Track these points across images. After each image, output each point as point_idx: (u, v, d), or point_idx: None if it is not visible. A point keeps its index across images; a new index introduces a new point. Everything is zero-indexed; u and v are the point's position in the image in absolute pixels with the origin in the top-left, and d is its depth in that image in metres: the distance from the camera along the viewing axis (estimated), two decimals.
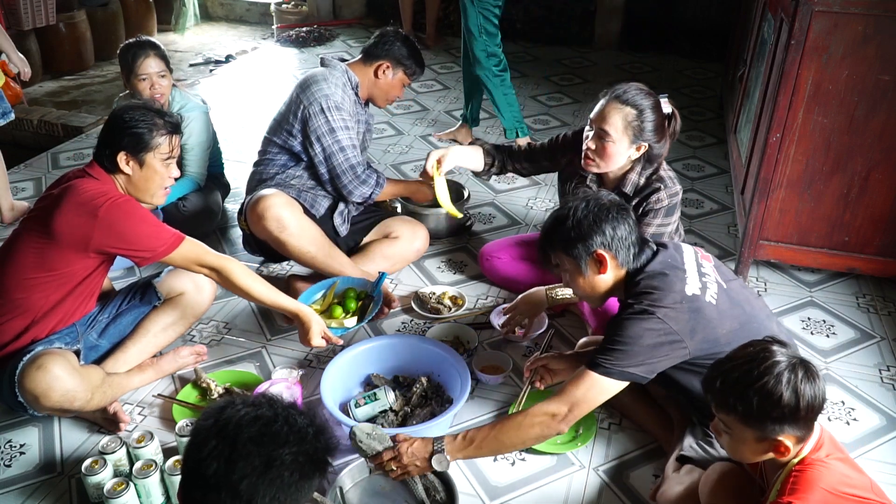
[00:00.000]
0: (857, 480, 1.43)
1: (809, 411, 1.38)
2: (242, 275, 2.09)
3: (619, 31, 5.80)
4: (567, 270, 1.84)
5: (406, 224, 2.86)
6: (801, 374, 1.38)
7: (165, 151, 2.05)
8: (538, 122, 4.41)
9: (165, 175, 2.08)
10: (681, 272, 1.77)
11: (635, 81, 2.28)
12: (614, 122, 2.18)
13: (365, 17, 6.60)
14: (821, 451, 1.43)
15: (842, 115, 2.50)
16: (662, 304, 1.70)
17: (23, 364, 1.95)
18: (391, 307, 2.64)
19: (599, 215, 1.76)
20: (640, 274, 1.78)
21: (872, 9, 2.34)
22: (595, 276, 1.80)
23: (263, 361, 2.41)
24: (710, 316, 1.73)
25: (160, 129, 2.03)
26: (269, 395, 1.22)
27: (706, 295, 1.75)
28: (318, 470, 1.18)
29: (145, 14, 5.98)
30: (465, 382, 2.10)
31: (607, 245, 1.76)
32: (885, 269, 2.72)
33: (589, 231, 1.76)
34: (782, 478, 1.44)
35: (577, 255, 1.78)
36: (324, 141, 2.57)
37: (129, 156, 2.01)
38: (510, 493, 1.93)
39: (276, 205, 2.51)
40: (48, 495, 1.93)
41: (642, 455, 2.05)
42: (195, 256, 2.06)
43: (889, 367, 2.41)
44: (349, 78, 2.67)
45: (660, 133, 2.22)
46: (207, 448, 1.12)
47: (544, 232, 1.86)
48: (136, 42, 2.91)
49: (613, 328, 1.74)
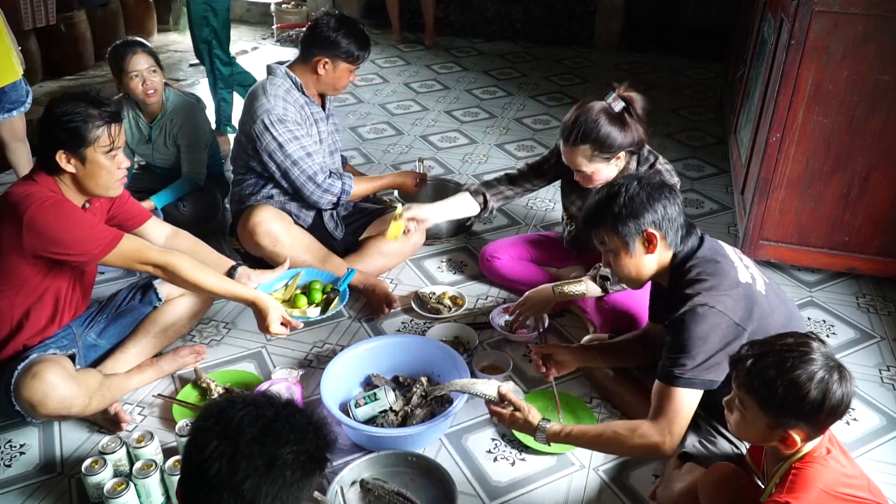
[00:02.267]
0: (854, 480, 1.43)
1: (831, 415, 1.37)
2: (190, 269, 2.00)
3: (619, 31, 5.80)
4: (612, 249, 1.78)
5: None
6: (835, 376, 1.36)
7: (106, 143, 1.90)
8: (538, 122, 4.41)
9: (112, 167, 1.94)
10: (729, 261, 1.76)
11: (634, 81, 2.29)
12: (581, 162, 2.24)
13: (365, 17, 6.60)
14: (821, 449, 1.43)
15: (842, 115, 2.50)
16: (719, 291, 1.67)
17: (17, 373, 1.94)
18: (391, 307, 2.63)
19: (652, 193, 1.73)
20: (691, 260, 1.75)
21: (872, 9, 2.34)
22: (642, 256, 1.76)
23: (263, 361, 2.41)
24: (763, 306, 1.72)
25: (96, 121, 1.88)
26: (268, 394, 1.22)
27: (756, 285, 1.74)
28: (318, 467, 1.18)
29: (145, 14, 5.98)
30: None
31: (658, 224, 1.73)
32: (885, 269, 2.72)
33: (641, 209, 1.71)
34: (781, 472, 1.44)
35: (626, 234, 1.73)
36: (276, 157, 2.49)
37: (67, 154, 1.88)
38: (510, 493, 1.93)
39: (266, 219, 2.50)
40: (48, 495, 1.93)
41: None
42: (136, 255, 1.96)
43: (889, 367, 2.41)
44: (292, 81, 2.57)
45: (624, 133, 2.22)
46: (209, 449, 1.12)
47: (592, 208, 1.79)
48: (124, 42, 2.94)
49: (677, 331, 1.69)
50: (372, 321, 2.60)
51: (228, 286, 2.07)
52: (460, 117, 4.48)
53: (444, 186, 3.37)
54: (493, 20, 6.09)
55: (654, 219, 1.72)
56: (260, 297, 2.09)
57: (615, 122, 2.20)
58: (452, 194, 3.27)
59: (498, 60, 5.58)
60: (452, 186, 3.34)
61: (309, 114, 2.61)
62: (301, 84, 2.59)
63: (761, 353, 1.43)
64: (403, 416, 2.10)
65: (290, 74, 2.58)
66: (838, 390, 1.36)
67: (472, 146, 4.08)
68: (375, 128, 4.32)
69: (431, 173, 3.73)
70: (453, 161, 3.89)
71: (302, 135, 2.52)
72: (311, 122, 2.62)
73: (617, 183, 1.78)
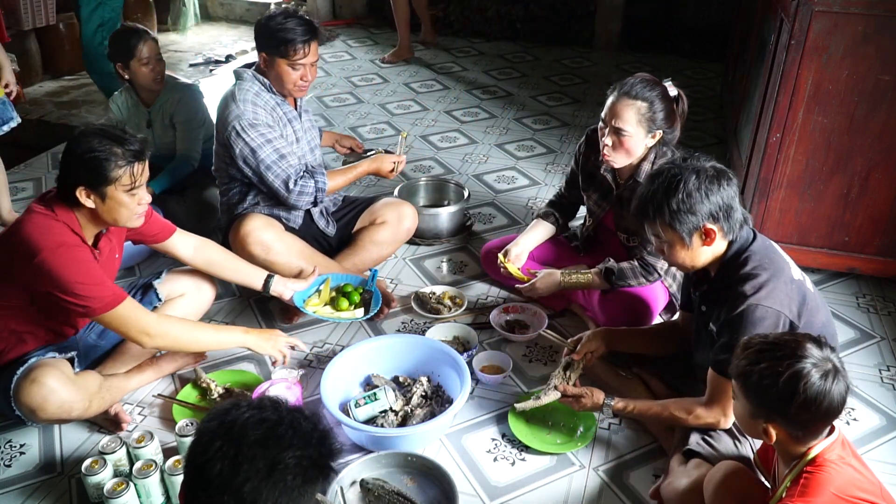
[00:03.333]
0: (867, 484, 1.42)
1: (804, 410, 1.36)
2: (183, 332, 2.04)
3: (619, 31, 5.80)
4: (667, 241, 1.77)
5: (391, 207, 2.79)
6: (815, 373, 1.35)
7: (127, 182, 1.86)
8: (538, 121, 4.41)
9: (133, 204, 1.91)
10: (781, 256, 1.76)
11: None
12: (628, 118, 2.21)
13: (365, 17, 6.60)
14: (833, 453, 1.41)
15: (842, 115, 2.50)
16: (775, 287, 1.67)
17: (16, 378, 1.93)
18: (390, 307, 2.64)
19: (710, 186, 1.69)
20: (745, 252, 1.74)
21: (872, 9, 2.34)
22: (699, 248, 1.75)
23: (263, 361, 2.41)
24: (811, 304, 1.73)
25: (119, 160, 1.83)
26: (274, 398, 1.21)
27: (807, 282, 1.76)
28: (321, 475, 1.17)
29: (145, 14, 5.98)
30: (464, 382, 2.10)
31: (716, 217, 1.70)
32: (885, 269, 2.72)
33: (699, 204, 1.68)
34: (793, 476, 1.43)
35: (683, 229, 1.72)
36: (250, 163, 2.47)
37: (88, 190, 1.85)
38: (510, 493, 1.93)
39: (256, 229, 2.48)
40: (48, 495, 1.93)
41: (642, 455, 2.05)
42: (133, 321, 1.94)
43: (889, 367, 2.40)
44: (261, 83, 2.52)
45: (671, 118, 2.26)
46: (213, 449, 1.11)
47: (647, 199, 1.76)
48: (129, 30, 2.98)
49: (734, 329, 1.68)
50: (372, 321, 2.60)
51: (221, 340, 2.14)
52: (460, 117, 4.48)
53: (443, 186, 3.37)
54: (493, 20, 6.08)
55: (712, 212, 1.70)
56: (249, 341, 2.16)
57: (668, 102, 2.24)
58: (452, 194, 3.31)
59: (498, 60, 5.58)
60: (452, 186, 3.34)
61: (281, 114, 2.56)
62: (269, 84, 2.54)
63: (754, 341, 1.45)
64: (403, 416, 2.10)
65: (258, 77, 2.53)
66: (816, 387, 1.34)
67: (472, 146, 4.08)
68: (375, 128, 4.32)
69: (432, 173, 3.73)
70: (453, 161, 3.89)
71: (275, 137, 2.49)
72: (285, 123, 2.57)
73: (672, 174, 1.73)
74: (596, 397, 1.96)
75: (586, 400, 1.97)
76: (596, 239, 2.65)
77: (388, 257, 2.87)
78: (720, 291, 1.78)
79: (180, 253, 2.28)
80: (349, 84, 5.06)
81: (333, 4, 6.61)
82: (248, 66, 2.56)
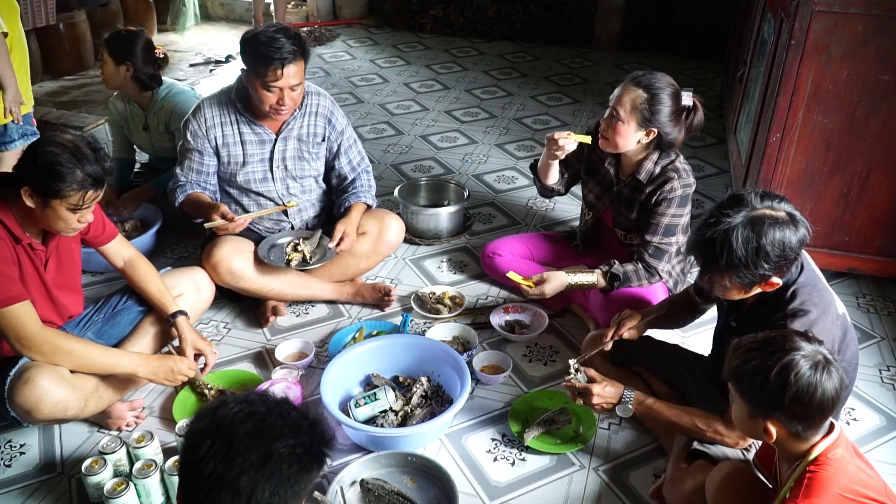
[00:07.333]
0: (872, 483, 1.41)
1: (797, 403, 1.35)
2: (69, 348, 1.92)
3: (619, 31, 5.80)
4: (728, 287, 1.69)
5: (374, 217, 2.67)
6: (805, 365, 1.35)
7: (74, 203, 1.82)
8: (538, 122, 4.41)
9: (73, 221, 1.86)
10: (828, 290, 1.73)
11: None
12: (624, 102, 2.23)
13: (365, 17, 6.60)
14: (836, 451, 1.41)
15: (842, 115, 2.50)
16: (824, 324, 1.64)
17: (10, 379, 1.91)
18: (390, 295, 2.63)
19: (774, 243, 1.59)
20: (793, 285, 1.68)
21: (872, 9, 2.34)
22: (758, 290, 1.70)
23: (263, 361, 2.41)
24: (849, 337, 1.75)
25: (75, 182, 1.78)
26: (260, 392, 1.22)
27: (847, 317, 1.77)
28: (316, 462, 1.18)
29: (145, 14, 5.98)
30: (464, 382, 2.09)
31: (778, 269, 1.63)
32: (885, 269, 2.72)
33: (763, 260, 1.60)
34: (796, 475, 1.43)
35: (744, 282, 1.65)
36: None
37: (33, 192, 1.80)
38: (510, 493, 1.93)
39: (224, 258, 2.43)
40: (48, 495, 1.93)
41: (642, 455, 2.05)
42: (16, 323, 1.84)
43: (889, 367, 2.41)
44: (230, 100, 2.48)
45: (674, 121, 2.25)
46: (204, 448, 1.12)
47: (709, 254, 1.64)
48: (128, 31, 3.00)
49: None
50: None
51: (115, 360, 2.00)
52: (460, 117, 4.48)
53: (443, 186, 3.37)
54: (493, 20, 6.09)
55: (774, 266, 1.61)
56: (140, 369, 2.01)
57: (675, 104, 2.24)
58: (452, 194, 3.31)
59: (498, 60, 5.58)
60: (452, 186, 3.34)
61: (235, 132, 2.49)
62: (241, 104, 2.48)
63: (746, 341, 1.45)
64: (403, 416, 2.10)
65: (230, 93, 2.50)
66: (807, 377, 1.34)
67: (472, 146, 4.08)
68: (375, 128, 4.32)
69: (432, 173, 3.73)
70: (453, 161, 3.89)
71: (195, 150, 2.48)
72: (235, 142, 2.50)
73: (728, 228, 1.61)
74: (616, 387, 1.89)
75: (607, 387, 1.88)
76: (595, 237, 2.65)
77: (368, 271, 2.78)
78: (761, 317, 1.72)
79: (112, 261, 2.23)
80: (349, 84, 5.06)
81: (333, 4, 6.61)
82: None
